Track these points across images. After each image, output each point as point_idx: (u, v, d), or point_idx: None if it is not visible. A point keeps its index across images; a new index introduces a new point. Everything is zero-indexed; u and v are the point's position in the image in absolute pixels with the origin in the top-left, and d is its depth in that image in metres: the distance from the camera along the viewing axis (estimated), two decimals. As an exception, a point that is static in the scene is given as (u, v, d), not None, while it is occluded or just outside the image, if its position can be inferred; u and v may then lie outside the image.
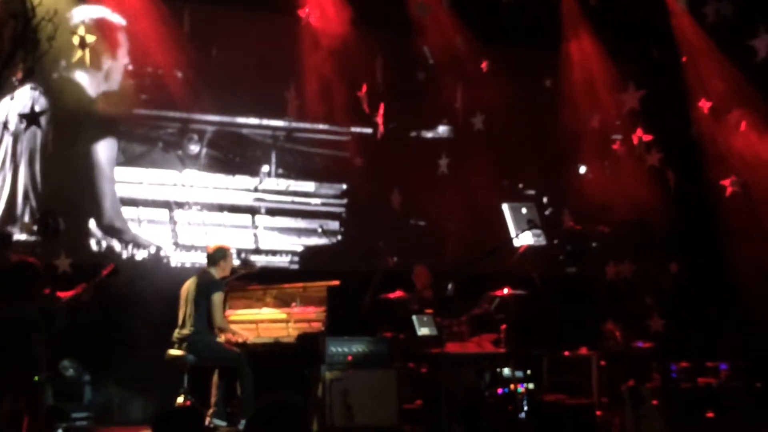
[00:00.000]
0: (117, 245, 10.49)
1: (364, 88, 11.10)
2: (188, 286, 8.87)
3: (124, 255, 10.53)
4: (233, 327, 8.98)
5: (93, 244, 10.44)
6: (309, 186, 11.65)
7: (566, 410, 9.50)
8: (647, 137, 12.35)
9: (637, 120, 12.39)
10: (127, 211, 10.67)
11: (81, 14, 10.08)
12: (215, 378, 8.85)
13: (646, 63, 12.43)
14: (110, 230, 10.49)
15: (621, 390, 9.43)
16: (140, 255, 10.61)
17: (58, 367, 9.43)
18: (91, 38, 9.93)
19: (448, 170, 11.81)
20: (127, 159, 10.75)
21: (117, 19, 10.38)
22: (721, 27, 11.58)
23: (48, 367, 7.62)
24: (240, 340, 8.88)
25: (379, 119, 11.23)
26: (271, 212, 11.41)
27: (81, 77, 10.28)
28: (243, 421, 8.54)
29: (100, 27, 10.23)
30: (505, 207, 10.52)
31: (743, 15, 11.31)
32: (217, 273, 8.92)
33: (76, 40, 9.88)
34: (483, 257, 11.12)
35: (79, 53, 9.90)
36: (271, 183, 11.44)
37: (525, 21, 11.58)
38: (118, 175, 10.67)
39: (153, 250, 10.66)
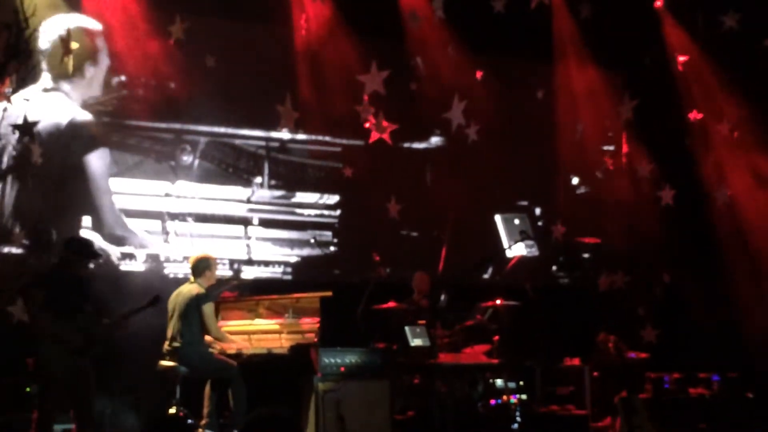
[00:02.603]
0: (113, 255, 10.46)
1: (366, 99, 11.11)
2: (175, 298, 8.83)
3: (121, 266, 10.51)
4: (229, 336, 8.98)
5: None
6: (302, 197, 11.65)
7: (559, 421, 9.50)
8: (639, 148, 12.39)
9: (630, 131, 12.43)
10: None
11: (68, 23, 10.05)
12: (207, 389, 8.82)
13: (638, 74, 12.48)
14: (111, 239, 10.46)
15: (614, 401, 9.44)
16: (133, 266, 10.58)
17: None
18: (75, 46, 9.89)
19: (440, 181, 11.80)
20: (119, 170, 10.73)
21: (98, 25, 10.35)
22: (715, 37, 11.64)
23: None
24: (235, 348, 8.88)
25: (374, 125, 11.24)
26: (264, 223, 11.39)
27: (65, 86, 10.25)
28: (235, 433, 8.54)
29: (82, 33, 10.18)
30: (497, 218, 10.59)
31: (740, 26, 11.37)
32: (203, 283, 8.89)
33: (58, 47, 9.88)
34: (476, 268, 11.17)
35: (70, 64, 9.88)
36: (263, 194, 11.43)
37: (518, 33, 11.61)
38: (111, 186, 10.65)
39: (145, 260, 10.63)
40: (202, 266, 8.93)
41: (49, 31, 9.93)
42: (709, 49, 11.90)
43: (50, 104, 10.14)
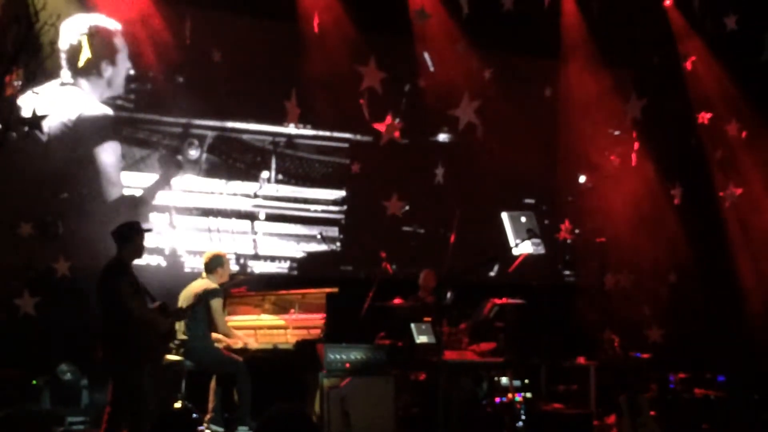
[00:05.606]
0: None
1: (367, 95, 11.09)
2: (186, 293, 8.87)
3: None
4: (236, 332, 9.00)
5: (93, 248, 10.39)
6: (308, 192, 11.65)
7: (564, 419, 9.51)
8: (647, 147, 12.37)
9: (638, 130, 12.40)
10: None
11: (82, 20, 10.07)
12: (213, 384, 8.85)
13: (647, 73, 12.44)
14: None
15: (619, 400, 9.44)
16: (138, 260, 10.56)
17: (55, 371, 9.43)
18: (87, 44, 9.92)
19: (447, 178, 11.79)
20: (127, 163, 10.74)
21: (117, 25, 10.38)
22: (723, 37, 11.60)
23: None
24: (242, 344, 8.90)
25: (382, 127, 11.21)
26: (271, 218, 11.40)
27: (83, 83, 10.29)
28: (240, 428, 8.56)
29: (101, 33, 10.22)
30: (504, 216, 10.51)
31: (746, 26, 11.31)
32: (214, 280, 8.92)
33: (78, 46, 9.91)
34: (482, 265, 11.17)
35: (82, 59, 9.91)
36: (270, 189, 11.43)
37: (526, 30, 11.58)
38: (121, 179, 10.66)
39: (151, 255, 10.63)
40: (214, 263, 8.99)
41: (68, 29, 9.96)
42: (717, 48, 11.87)
43: (64, 98, 10.16)
